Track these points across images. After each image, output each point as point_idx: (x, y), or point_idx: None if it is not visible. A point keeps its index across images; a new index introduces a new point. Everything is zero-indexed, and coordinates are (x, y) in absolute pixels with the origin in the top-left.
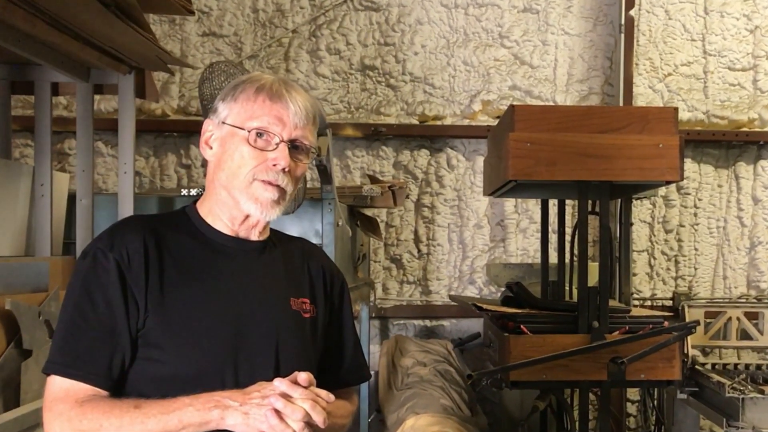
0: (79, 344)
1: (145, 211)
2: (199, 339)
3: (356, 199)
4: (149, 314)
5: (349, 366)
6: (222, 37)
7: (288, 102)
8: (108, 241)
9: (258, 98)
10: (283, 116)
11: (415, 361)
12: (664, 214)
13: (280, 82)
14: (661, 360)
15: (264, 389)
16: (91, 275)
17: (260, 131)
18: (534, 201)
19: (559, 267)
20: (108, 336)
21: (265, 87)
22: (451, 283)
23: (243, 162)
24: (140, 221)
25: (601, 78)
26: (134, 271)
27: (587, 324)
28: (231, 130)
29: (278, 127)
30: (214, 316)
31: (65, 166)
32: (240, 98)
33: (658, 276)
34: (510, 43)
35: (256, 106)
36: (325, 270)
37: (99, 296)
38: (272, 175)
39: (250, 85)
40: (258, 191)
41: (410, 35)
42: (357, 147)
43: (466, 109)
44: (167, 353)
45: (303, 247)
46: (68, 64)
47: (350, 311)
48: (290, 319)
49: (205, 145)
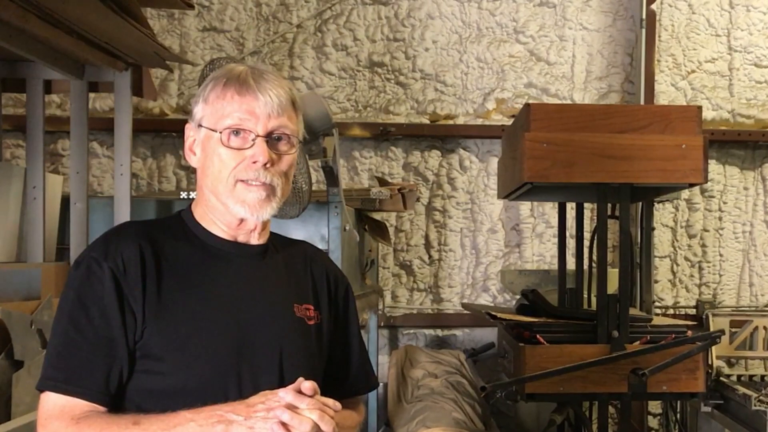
0: (74, 358)
1: (142, 214)
2: (200, 349)
3: (364, 203)
4: (147, 325)
5: (356, 374)
6: (223, 33)
7: (257, 93)
8: (102, 250)
9: (227, 94)
10: (254, 109)
11: (426, 372)
12: (688, 218)
13: (247, 72)
14: (684, 371)
15: (268, 400)
16: (85, 286)
17: (234, 129)
18: (551, 204)
19: (577, 274)
20: (104, 349)
21: (233, 80)
22: (464, 290)
23: (222, 165)
24: (135, 228)
25: (621, 75)
26: (130, 280)
27: (606, 334)
28: (207, 133)
29: (251, 122)
30: (216, 325)
31: (58, 167)
32: (210, 98)
33: (681, 283)
34: (525, 38)
35: (226, 103)
36: (329, 274)
37: (94, 307)
38: (252, 173)
39: (218, 81)
40: (242, 193)
41: (421, 30)
42: (365, 147)
43: (480, 108)
44: (167, 365)
45: (305, 250)
46: (62, 60)
47: (356, 317)
48: (294, 326)
49: (190, 152)
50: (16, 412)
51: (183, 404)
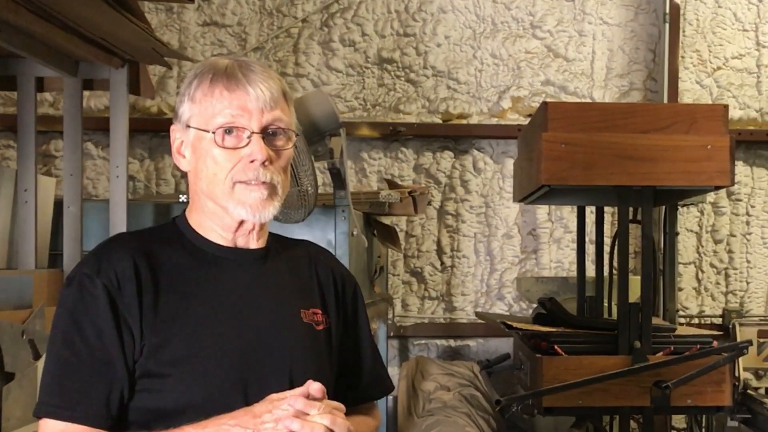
0: (71, 382)
1: (139, 219)
2: (204, 364)
3: (373, 206)
4: (146, 342)
5: (369, 378)
6: (224, 27)
7: (247, 86)
8: (94, 265)
9: (215, 90)
10: (246, 104)
11: (438, 385)
12: (713, 222)
13: (234, 66)
14: (710, 384)
15: (276, 408)
16: (78, 304)
17: (227, 128)
18: (569, 208)
19: (597, 281)
20: (102, 370)
21: (219, 75)
22: (478, 298)
23: (217, 167)
24: (128, 239)
25: (644, 72)
26: (126, 295)
27: (628, 344)
28: (197, 134)
29: (244, 118)
30: (219, 338)
31: (51, 169)
32: (197, 96)
33: (706, 291)
34: (543, 33)
35: (215, 101)
36: (335, 274)
37: (89, 327)
38: (252, 173)
39: (204, 77)
40: (242, 194)
41: (432, 25)
42: (374, 148)
43: (495, 107)
44: (169, 383)
45: (309, 250)
46: (55, 56)
47: (366, 318)
48: (302, 333)
49: (178, 155)
50: (6, 426)
51: (188, 422)
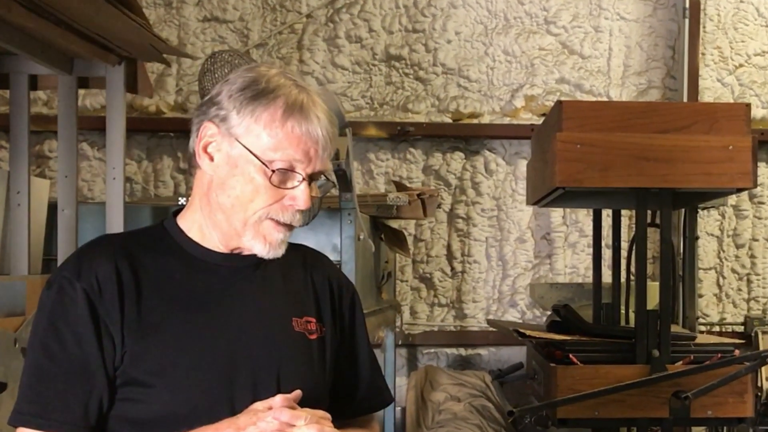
0: (48, 389)
1: (136, 222)
2: (188, 373)
3: (380, 209)
4: (127, 349)
5: (367, 390)
6: (226, 23)
7: (318, 131)
8: (74, 269)
9: (286, 124)
10: (310, 150)
11: (448, 395)
12: (735, 226)
13: (308, 98)
14: (731, 394)
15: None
16: (58, 309)
17: (284, 170)
18: (585, 211)
19: (614, 287)
20: (80, 378)
21: (294, 107)
22: (490, 305)
23: (256, 197)
24: (111, 241)
25: (662, 70)
26: (106, 300)
27: (646, 353)
28: (246, 155)
29: (304, 164)
30: (205, 346)
31: (45, 171)
32: (263, 118)
33: (727, 298)
34: (557, 29)
35: (282, 136)
36: (332, 281)
37: (67, 332)
38: (289, 216)
39: (274, 102)
40: (268, 231)
41: (442, 20)
42: (381, 149)
43: (507, 106)
44: (152, 392)
45: (304, 256)
46: (48, 53)
47: (364, 327)
48: (294, 342)
49: (204, 153)
50: None
51: None
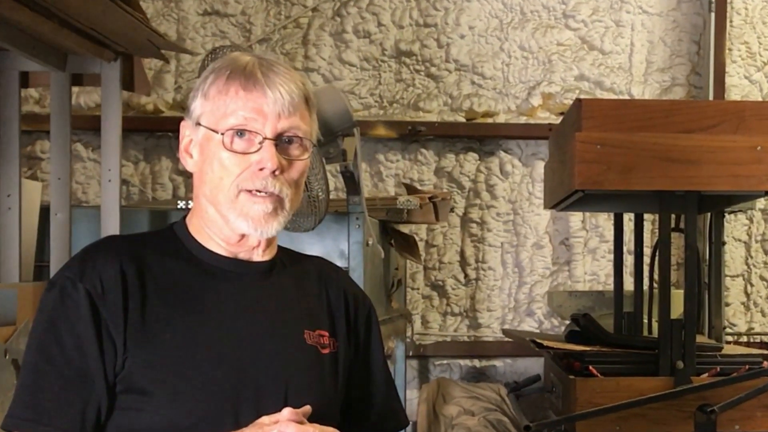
0: (45, 394)
1: (133, 227)
2: (192, 383)
3: (390, 213)
4: (129, 355)
5: (381, 411)
6: (227, 17)
7: (265, 88)
8: (78, 269)
9: (230, 89)
10: (262, 106)
11: (462, 409)
12: (764, 231)
13: (254, 64)
14: (760, 408)
15: None
16: (58, 310)
17: (238, 130)
18: (605, 215)
19: (636, 295)
20: (79, 382)
21: (237, 72)
22: (505, 314)
23: (224, 171)
24: (117, 243)
25: (687, 66)
26: (110, 303)
27: (670, 364)
28: (206, 134)
29: (258, 122)
30: (210, 355)
31: (37, 172)
32: (211, 92)
33: (756, 306)
34: (576, 23)
35: (229, 100)
36: (348, 294)
37: (67, 335)
38: (259, 182)
39: (221, 73)
40: (246, 205)
41: (455, 14)
42: (391, 150)
43: (523, 104)
44: (153, 401)
45: (320, 267)
46: (40, 49)
47: (380, 344)
48: (304, 355)
49: (186, 154)
50: None
51: None
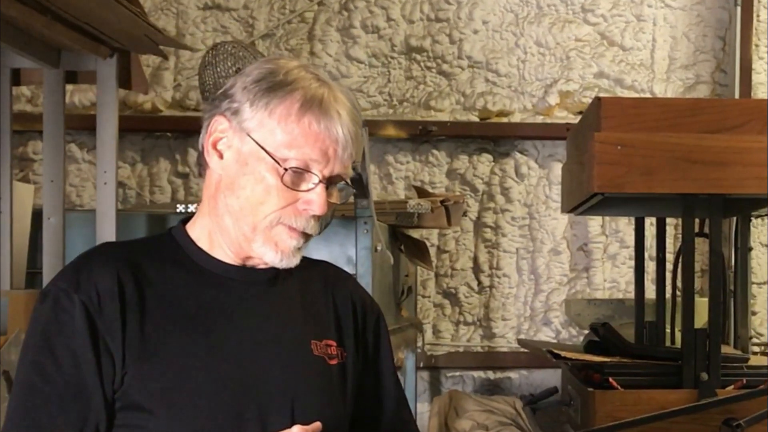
0: (40, 412)
1: (130, 231)
2: (195, 398)
3: (400, 218)
4: (128, 370)
5: (391, 423)
6: (228, 11)
7: (338, 129)
8: (72, 279)
9: (302, 119)
10: (329, 150)
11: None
12: None
13: (329, 93)
14: None
15: None
16: (52, 323)
17: (298, 170)
18: (626, 220)
19: (658, 304)
20: (76, 401)
21: (313, 102)
22: (521, 324)
23: (267, 199)
24: (113, 250)
25: (712, 63)
26: (107, 315)
27: (693, 376)
28: (257, 152)
29: (320, 164)
30: (214, 368)
31: (29, 174)
32: (278, 111)
33: None
34: (596, 18)
35: (299, 132)
36: (356, 301)
37: (63, 350)
38: (302, 222)
39: (291, 95)
40: (280, 236)
41: (468, 8)
42: (401, 150)
43: (540, 103)
44: (154, 418)
45: (326, 273)
46: (33, 45)
47: (390, 353)
48: (311, 366)
49: (213, 150)
50: None
51: None
